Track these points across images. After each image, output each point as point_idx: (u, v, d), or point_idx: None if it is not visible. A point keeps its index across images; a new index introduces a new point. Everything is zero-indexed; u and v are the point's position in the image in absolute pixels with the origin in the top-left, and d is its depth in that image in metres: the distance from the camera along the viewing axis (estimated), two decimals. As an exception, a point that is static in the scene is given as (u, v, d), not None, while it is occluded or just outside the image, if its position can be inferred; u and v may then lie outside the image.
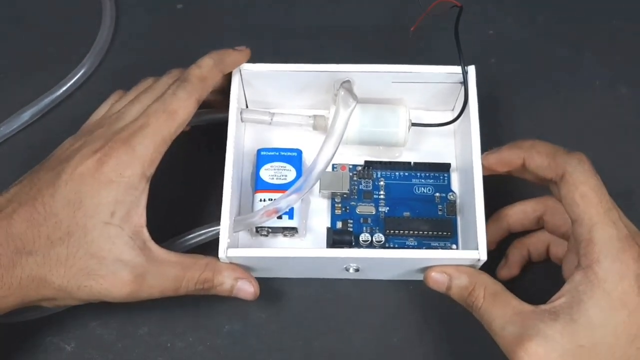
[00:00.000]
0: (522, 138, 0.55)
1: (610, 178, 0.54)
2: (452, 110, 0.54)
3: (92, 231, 0.40)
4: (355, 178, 0.52)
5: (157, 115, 0.43)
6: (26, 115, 0.55)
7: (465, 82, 0.49)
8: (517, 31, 0.59)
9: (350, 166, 0.52)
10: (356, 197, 0.51)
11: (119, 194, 0.41)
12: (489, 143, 0.48)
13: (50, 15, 0.60)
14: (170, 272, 0.42)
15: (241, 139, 0.51)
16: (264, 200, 0.49)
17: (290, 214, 0.48)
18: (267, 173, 0.50)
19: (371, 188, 0.52)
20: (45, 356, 0.46)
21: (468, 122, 0.48)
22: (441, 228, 0.49)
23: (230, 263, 0.44)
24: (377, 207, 0.51)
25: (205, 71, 0.46)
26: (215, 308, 0.49)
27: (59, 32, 0.59)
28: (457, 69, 0.49)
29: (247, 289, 0.44)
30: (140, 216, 0.42)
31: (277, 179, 0.50)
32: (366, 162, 0.52)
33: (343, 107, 0.46)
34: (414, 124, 0.51)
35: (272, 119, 0.51)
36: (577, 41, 0.59)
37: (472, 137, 0.47)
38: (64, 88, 0.56)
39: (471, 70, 0.49)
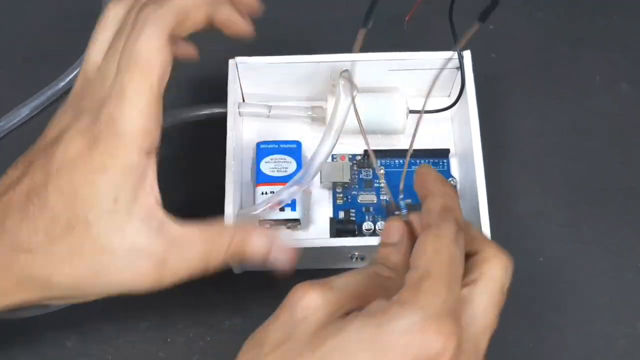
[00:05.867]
0: (522, 134, 0.55)
1: (610, 174, 0.54)
2: (449, 96, 0.54)
3: (96, 223, 0.35)
4: (355, 167, 0.52)
5: (130, 75, 0.36)
6: (25, 110, 0.55)
7: (461, 66, 0.49)
8: (517, 27, 0.59)
9: (350, 156, 0.52)
10: (357, 186, 0.52)
11: (116, 178, 0.35)
12: (488, 140, 0.48)
13: (49, 10, 0.60)
14: (194, 251, 0.37)
15: (240, 133, 0.51)
16: (266, 193, 0.49)
17: (292, 205, 0.48)
18: (268, 166, 0.50)
19: (371, 177, 0.52)
20: (45, 351, 0.46)
21: (466, 106, 0.48)
22: None
23: (261, 228, 0.44)
24: (378, 195, 0.51)
25: (189, 3, 0.37)
26: (215, 303, 0.48)
27: (58, 27, 0.59)
28: (453, 54, 0.49)
29: (283, 257, 0.39)
30: (148, 195, 0.36)
31: (277, 171, 0.50)
32: (365, 151, 0.52)
33: (344, 96, 0.46)
34: (411, 111, 0.51)
35: (270, 112, 0.51)
36: (578, 37, 0.59)
37: (471, 121, 0.47)
38: (63, 83, 0.56)
39: (467, 55, 0.49)
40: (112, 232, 0.35)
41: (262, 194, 0.49)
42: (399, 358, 0.29)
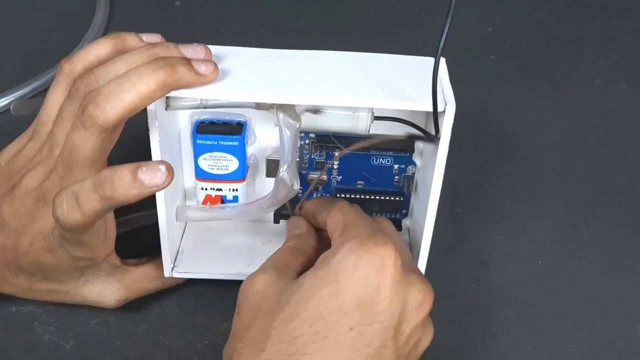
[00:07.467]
0: (521, 135, 0.55)
1: (609, 174, 0.54)
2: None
3: (69, 282, 0.44)
4: (307, 148, 0.47)
5: (62, 155, 0.38)
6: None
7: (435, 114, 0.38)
8: (516, 28, 0.59)
9: (302, 134, 0.46)
10: (307, 166, 0.48)
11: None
12: (487, 141, 0.48)
13: (42, 11, 0.60)
14: (152, 284, 0.46)
15: (170, 126, 0.44)
16: (206, 189, 0.46)
17: (236, 198, 0.47)
18: (206, 163, 0.45)
19: (324, 158, 0.47)
20: (44, 354, 0.46)
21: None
22: (393, 209, 0.48)
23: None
24: (329, 175, 0.48)
25: (137, 98, 0.36)
26: (214, 306, 0.48)
27: (51, 28, 0.59)
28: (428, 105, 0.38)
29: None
30: (106, 249, 0.42)
31: (217, 169, 0.45)
32: (319, 136, 0.46)
33: (286, 138, 0.42)
34: (376, 118, 0.43)
35: (206, 103, 0.42)
36: (577, 38, 0.59)
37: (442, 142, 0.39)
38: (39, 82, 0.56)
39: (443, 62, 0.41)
40: (82, 286, 0.44)
41: (203, 189, 0.46)
42: (351, 278, 0.34)
